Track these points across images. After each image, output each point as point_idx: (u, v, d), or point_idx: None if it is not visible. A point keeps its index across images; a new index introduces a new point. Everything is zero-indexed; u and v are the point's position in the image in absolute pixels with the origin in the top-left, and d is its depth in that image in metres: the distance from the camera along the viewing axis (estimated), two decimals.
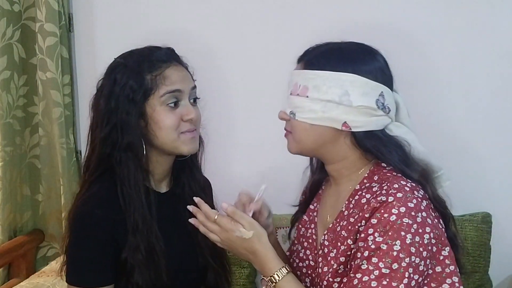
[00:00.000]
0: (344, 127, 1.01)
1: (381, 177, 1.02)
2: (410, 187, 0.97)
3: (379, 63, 1.04)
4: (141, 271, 1.11)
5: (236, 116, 1.80)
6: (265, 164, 1.78)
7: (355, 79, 1.00)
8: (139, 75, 1.14)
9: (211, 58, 1.75)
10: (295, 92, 1.06)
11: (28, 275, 1.76)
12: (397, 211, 0.93)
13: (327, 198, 1.15)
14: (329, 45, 1.07)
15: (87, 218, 1.11)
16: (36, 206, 1.94)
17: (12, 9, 1.78)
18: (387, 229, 0.92)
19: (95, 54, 1.86)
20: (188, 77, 1.20)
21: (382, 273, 0.91)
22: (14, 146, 1.85)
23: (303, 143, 1.07)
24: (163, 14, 1.80)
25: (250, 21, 1.75)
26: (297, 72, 1.07)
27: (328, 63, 1.02)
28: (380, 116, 1.02)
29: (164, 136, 1.14)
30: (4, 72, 1.78)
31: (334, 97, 1.00)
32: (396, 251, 0.91)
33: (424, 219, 0.94)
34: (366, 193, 1.01)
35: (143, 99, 1.13)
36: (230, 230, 1.02)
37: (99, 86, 1.19)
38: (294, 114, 1.05)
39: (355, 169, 1.07)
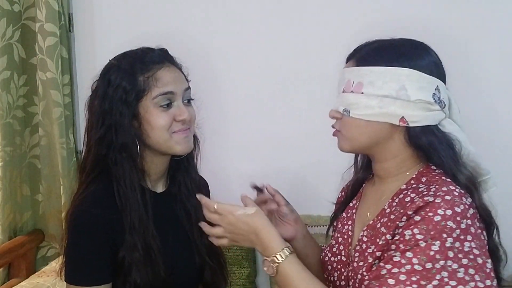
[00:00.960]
0: (402, 122, 1.00)
1: (429, 179, 1.00)
2: (459, 193, 0.95)
3: (433, 58, 1.04)
4: (138, 270, 1.12)
5: (232, 115, 1.80)
6: (262, 163, 1.78)
7: (411, 73, 0.99)
8: (132, 76, 1.15)
9: (208, 58, 1.75)
10: (348, 89, 1.04)
11: (28, 275, 1.76)
12: (443, 213, 0.91)
13: (369, 196, 1.14)
14: (380, 42, 1.06)
15: (84, 218, 1.12)
16: (36, 206, 1.94)
17: (12, 9, 1.78)
18: (429, 228, 0.90)
19: (95, 54, 1.87)
20: (181, 78, 1.21)
21: (414, 269, 0.89)
22: (14, 146, 1.85)
23: (356, 141, 1.05)
24: (163, 14, 1.80)
25: (247, 21, 1.75)
26: (349, 69, 1.06)
27: (382, 58, 1.01)
28: (436, 111, 1.01)
29: (157, 136, 1.15)
30: (4, 72, 1.78)
31: (391, 92, 0.99)
32: (434, 251, 0.89)
33: (468, 226, 0.92)
34: (412, 193, 0.99)
35: (136, 100, 1.14)
36: (231, 212, 1.02)
37: (94, 88, 1.20)
38: (348, 111, 1.03)
39: (404, 169, 1.05)
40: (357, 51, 1.08)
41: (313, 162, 1.75)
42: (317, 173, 1.76)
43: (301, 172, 1.78)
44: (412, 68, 1.00)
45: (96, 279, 1.12)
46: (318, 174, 1.75)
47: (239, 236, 1.03)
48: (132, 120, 1.15)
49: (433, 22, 1.60)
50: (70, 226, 1.13)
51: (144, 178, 1.19)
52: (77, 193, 1.18)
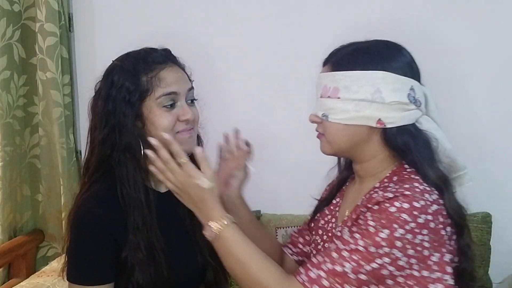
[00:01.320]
0: (379, 124, 1.03)
1: (399, 178, 1.03)
2: (421, 190, 0.97)
3: (406, 58, 1.06)
4: (142, 270, 1.12)
5: (235, 116, 1.80)
6: (265, 163, 1.78)
7: (385, 76, 1.02)
8: (135, 77, 1.15)
9: (210, 58, 1.75)
10: (325, 95, 1.07)
11: (28, 275, 1.76)
12: (400, 205, 0.94)
13: (350, 195, 1.18)
14: (354, 45, 1.08)
15: (87, 218, 1.12)
16: (36, 206, 1.95)
17: (12, 9, 1.79)
18: (382, 216, 0.95)
19: (95, 54, 1.87)
20: (184, 78, 1.20)
21: (357, 249, 0.95)
22: (14, 146, 1.85)
23: (337, 144, 1.08)
24: (163, 14, 1.80)
25: (249, 22, 1.75)
26: (325, 74, 1.08)
27: (357, 62, 1.04)
28: (412, 110, 1.04)
29: (161, 136, 1.14)
30: (4, 72, 1.78)
31: (367, 96, 1.02)
32: (381, 238, 0.94)
33: (426, 222, 0.95)
34: (381, 191, 1.02)
35: (139, 101, 1.14)
36: (192, 177, 1.04)
37: (97, 89, 1.20)
38: (326, 116, 1.06)
39: (381, 169, 1.08)
40: (332, 55, 1.10)
41: (303, 163, 1.75)
42: (318, 173, 1.75)
43: (301, 171, 1.78)
44: (386, 71, 1.02)
45: (98, 279, 1.12)
46: (319, 173, 1.75)
47: (186, 195, 1.07)
48: (135, 120, 1.15)
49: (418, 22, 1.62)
50: (73, 226, 1.13)
51: (147, 178, 1.19)
52: (80, 193, 1.18)
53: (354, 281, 0.94)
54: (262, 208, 1.78)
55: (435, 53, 1.60)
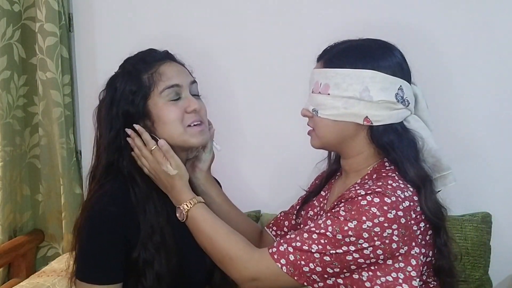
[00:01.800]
0: (366, 122, 1.06)
1: (377, 176, 1.07)
2: (393, 187, 1.01)
3: (396, 58, 1.08)
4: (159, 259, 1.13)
5: (240, 115, 1.80)
6: (271, 161, 1.78)
7: (374, 75, 1.05)
8: (136, 77, 1.16)
9: (209, 56, 1.75)
10: (316, 90, 1.10)
11: (28, 275, 1.76)
12: (370, 199, 0.99)
13: (336, 188, 1.22)
14: (347, 43, 1.11)
15: (100, 215, 1.12)
16: (36, 206, 1.95)
17: (12, 9, 1.79)
18: (353, 208, 1.00)
19: (95, 54, 1.86)
20: (184, 72, 1.22)
21: (326, 234, 1.00)
22: (14, 146, 1.85)
23: (325, 139, 1.12)
24: (163, 14, 1.80)
25: (251, 21, 1.75)
26: (317, 71, 1.12)
27: (348, 60, 1.07)
28: (400, 109, 1.07)
29: (171, 130, 1.15)
30: (4, 72, 1.78)
31: (355, 94, 1.05)
32: (348, 227, 0.99)
33: (397, 217, 0.98)
34: (358, 187, 1.05)
35: (144, 99, 1.15)
36: (159, 163, 1.13)
37: (101, 98, 1.21)
38: (316, 111, 1.10)
39: (365, 165, 1.11)
40: (325, 52, 1.13)
41: (306, 160, 1.74)
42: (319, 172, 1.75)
43: (302, 170, 1.78)
44: (375, 70, 1.05)
45: (108, 278, 1.12)
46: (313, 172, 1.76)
47: (159, 180, 1.16)
48: (144, 120, 1.16)
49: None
50: (86, 224, 1.13)
51: None
52: (91, 193, 1.18)
53: (318, 260, 1.00)
54: (262, 208, 1.78)
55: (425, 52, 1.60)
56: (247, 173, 1.82)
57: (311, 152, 1.69)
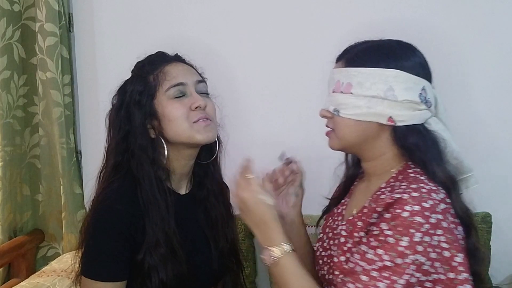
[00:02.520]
0: (389, 122, 1.03)
1: (405, 177, 1.03)
2: (427, 189, 0.97)
3: (419, 58, 1.07)
4: (164, 267, 1.13)
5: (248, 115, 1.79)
6: (270, 162, 1.78)
7: (398, 75, 1.02)
8: (143, 78, 1.18)
9: (216, 58, 1.74)
10: (338, 90, 1.07)
11: (28, 275, 1.76)
12: (411, 209, 0.93)
13: (357, 193, 1.18)
14: (369, 43, 1.09)
15: (107, 213, 1.12)
16: (36, 206, 1.94)
17: (12, 9, 1.78)
18: (397, 223, 0.93)
19: (95, 54, 1.86)
20: (191, 71, 1.22)
21: (385, 266, 0.93)
22: (14, 146, 1.85)
23: (346, 139, 1.09)
24: (163, 14, 1.79)
25: (259, 20, 1.73)
26: (338, 70, 1.09)
27: (370, 59, 1.04)
28: (423, 110, 1.04)
29: (176, 127, 1.16)
30: (4, 72, 1.78)
31: (379, 93, 1.03)
32: (403, 246, 0.92)
33: (438, 221, 0.94)
34: (388, 191, 1.02)
35: (150, 99, 1.17)
36: (255, 191, 1.05)
37: (113, 102, 1.23)
38: (338, 111, 1.07)
39: (388, 168, 1.08)
40: (346, 51, 1.11)
41: (317, 162, 1.74)
42: (325, 172, 1.75)
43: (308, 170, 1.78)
44: (399, 69, 1.03)
45: (113, 275, 1.12)
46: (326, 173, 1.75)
47: (249, 213, 1.06)
48: (151, 120, 1.17)
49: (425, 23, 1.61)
50: (94, 220, 1.14)
51: (168, 178, 1.21)
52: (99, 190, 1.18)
53: None
54: None
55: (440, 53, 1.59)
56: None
57: (318, 152, 1.68)
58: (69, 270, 1.21)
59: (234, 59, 1.76)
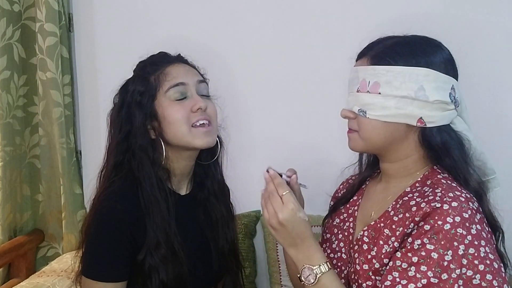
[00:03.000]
0: (419, 123, 0.99)
1: (434, 182, 0.99)
2: (465, 198, 0.93)
3: (447, 55, 1.02)
4: (165, 267, 1.13)
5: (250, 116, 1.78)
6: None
7: (429, 73, 0.98)
8: (144, 79, 1.18)
9: (217, 58, 1.74)
10: (363, 89, 1.01)
11: (28, 275, 1.76)
12: (452, 220, 0.89)
13: (373, 195, 1.12)
14: (394, 39, 1.03)
15: (108, 213, 1.12)
16: (36, 206, 1.94)
17: (12, 9, 1.78)
18: (440, 237, 0.89)
19: (95, 54, 1.86)
20: (192, 72, 1.22)
21: (431, 282, 0.89)
22: (14, 146, 1.85)
23: (371, 141, 1.03)
24: (163, 14, 1.79)
25: (261, 21, 1.73)
26: (363, 68, 1.02)
27: (399, 57, 0.99)
28: (451, 110, 1.00)
29: (176, 131, 1.15)
30: (4, 72, 1.78)
31: (410, 93, 0.97)
32: (447, 261, 0.88)
33: (478, 232, 0.91)
34: (417, 197, 0.98)
35: (151, 101, 1.17)
36: (294, 210, 0.96)
37: (115, 102, 1.24)
38: (364, 112, 1.01)
39: (413, 170, 1.04)
40: (369, 48, 1.05)
41: (320, 162, 1.74)
42: (322, 172, 1.75)
43: (305, 169, 1.78)
44: (429, 67, 0.98)
45: (114, 275, 1.12)
46: (323, 173, 1.75)
47: (286, 234, 0.98)
48: (151, 121, 1.17)
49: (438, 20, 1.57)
50: (95, 221, 1.14)
51: (169, 179, 1.21)
52: (100, 190, 1.18)
53: None
54: None
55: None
56: (258, 176, 1.82)
57: (317, 153, 1.69)
58: (69, 270, 1.21)
59: (235, 59, 1.76)
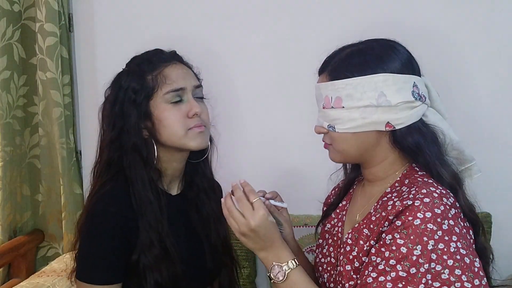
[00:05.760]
0: (388, 127, 1.00)
1: (411, 181, 1.00)
2: (439, 194, 0.94)
3: (402, 55, 1.02)
4: (158, 268, 1.12)
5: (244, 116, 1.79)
6: (275, 163, 1.78)
7: (386, 78, 0.98)
8: (140, 77, 1.16)
9: (215, 58, 1.74)
10: (328, 105, 1.03)
11: (28, 275, 1.76)
12: (422, 216, 0.91)
13: (358, 198, 1.14)
14: (347, 49, 1.05)
15: (101, 216, 1.12)
16: (36, 206, 1.94)
17: (12, 9, 1.78)
18: (410, 232, 0.91)
19: (95, 54, 1.86)
20: (190, 75, 1.21)
21: (399, 276, 0.90)
22: (14, 146, 1.85)
23: (346, 152, 1.05)
24: (164, 14, 1.79)
25: (255, 20, 1.74)
26: (323, 85, 1.04)
27: (355, 68, 1.00)
28: (418, 106, 1.01)
29: (171, 133, 1.15)
30: (4, 72, 1.78)
31: (372, 101, 0.99)
32: (416, 255, 0.90)
33: (451, 227, 0.92)
34: (395, 196, 0.99)
35: (146, 100, 1.15)
36: (264, 215, 1.00)
37: (106, 95, 1.22)
38: (333, 127, 1.03)
39: (391, 171, 1.06)
40: (326, 63, 1.06)
41: (310, 162, 1.75)
42: (318, 173, 1.75)
43: (302, 171, 1.78)
44: (386, 72, 0.99)
45: (108, 278, 1.12)
46: (319, 174, 1.75)
47: (257, 239, 1.02)
48: (144, 121, 1.16)
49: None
50: (87, 223, 1.13)
51: (160, 179, 1.20)
52: (93, 192, 1.18)
53: None
54: None
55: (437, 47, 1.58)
56: (249, 175, 1.82)
57: (312, 153, 1.68)
58: (69, 270, 1.20)
59: (230, 58, 1.77)
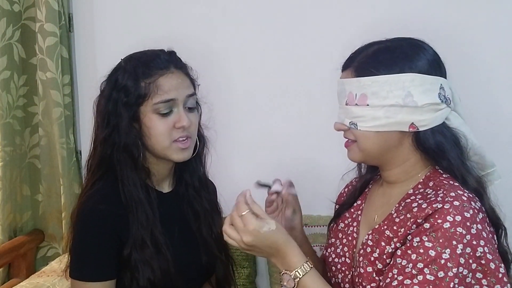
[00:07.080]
0: (411, 128, 0.98)
1: (436, 184, 0.98)
2: (467, 197, 0.93)
3: (431, 55, 1.01)
4: (151, 266, 1.13)
5: (240, 116, 1.79)
6: (263, 164, 1.78)
7: (414, 78, 0.97)
8: (135, 80, 1.16)
9: (213, 58, 1.74)
10: (352, 102, 1.01)
11: (28, 275, 1.76)
12: (452, 219, 0.89)
13: (376, 198, 1.12)
14: (375, 46, 1.02)
15: (91, 213, 1.13)
16: (36, 206, 1.94)
17: (12, 9, 1.78)
18: (438, 235, 0.89)
19: (95, 54, 1.86)
20: (184, 84, 1.19)
21: (426, 279, 0.89)
22: (14, 146, 1.85)
23: (368, 152, 1.03)
24: (164, 14, 1.80)
25: (252, 22, 1.74)
26: (348, 81, 1.02)
27: (382, 66, 0.98)
28: (443, 109, 0.99)
29: (156, 142, 1.16)
30: (4, 72, 1.77)
31: (398, 101, 0.97)
32: (445, 259, 0.88)
33: (479, 231, 0.91)
34: (420, 199, 0.98)
35: (136, 104, 1.15)
36: (256, 228, 0.95)
37: (102, 88, 1.21)
38: (355, 125, 1.01)
39: (413, 173, 1.04)
40: (352, 59, 1.04)
41: (314, 162, 1.75)
42: (318, 174, 1.75)
43: (302, 172, 1.78)
44: (414, 72, 0.97)
45: (101, 275, 1.13)
46: (319, 174, 1.75)
47: (260, 251, 0.98)
48: (133, 122, 1.16)
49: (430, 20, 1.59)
50: (78, 222, 1.14)
51: (149, 177, 1.21)
52: (84, 190, 1.19)
53: None
54: None
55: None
56: (244, 175, 1.82)
57: (316, 153, 1.69)
58: (63, 267, 1.21)
59: (230, 58, 1.77)
